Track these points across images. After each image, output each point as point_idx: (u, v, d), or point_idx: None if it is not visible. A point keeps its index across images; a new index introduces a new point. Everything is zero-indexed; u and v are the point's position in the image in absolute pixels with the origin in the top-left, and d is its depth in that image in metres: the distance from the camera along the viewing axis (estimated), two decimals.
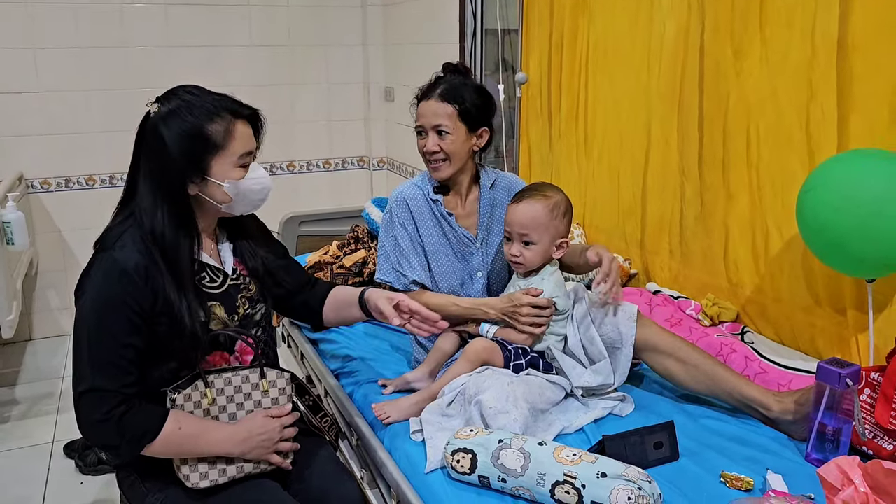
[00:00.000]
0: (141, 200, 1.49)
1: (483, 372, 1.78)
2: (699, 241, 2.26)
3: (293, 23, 4.05)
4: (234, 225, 1.68)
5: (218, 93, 1.55)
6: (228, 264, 1.64)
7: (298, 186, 4.25)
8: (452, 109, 1.93)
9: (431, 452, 1.60)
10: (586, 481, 1.37)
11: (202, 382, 1.50)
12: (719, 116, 2.11)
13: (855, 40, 1.72)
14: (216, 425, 1.51)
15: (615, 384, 1.83)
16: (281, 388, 1.60)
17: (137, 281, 1.43)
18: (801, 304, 1.97)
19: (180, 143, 1.46)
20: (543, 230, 1.85)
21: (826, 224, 1.63)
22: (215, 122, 1.49)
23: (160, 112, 1.48)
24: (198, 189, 1.52)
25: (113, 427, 1.40)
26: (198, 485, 1.49)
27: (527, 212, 1.85)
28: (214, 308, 1.56)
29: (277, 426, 1.55)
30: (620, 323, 1.84)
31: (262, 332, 1.67)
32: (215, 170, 1.50)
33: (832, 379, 1.55)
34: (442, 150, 1.94)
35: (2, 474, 2.63)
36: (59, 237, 3.78)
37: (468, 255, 2.03)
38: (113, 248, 1.45)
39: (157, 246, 1.46)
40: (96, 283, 1.44)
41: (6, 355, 3.65)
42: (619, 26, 2.46)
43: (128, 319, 1.42)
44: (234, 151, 1.52)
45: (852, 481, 1.22)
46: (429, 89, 1.97)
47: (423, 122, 1.96)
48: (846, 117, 1.77)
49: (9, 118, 3.55)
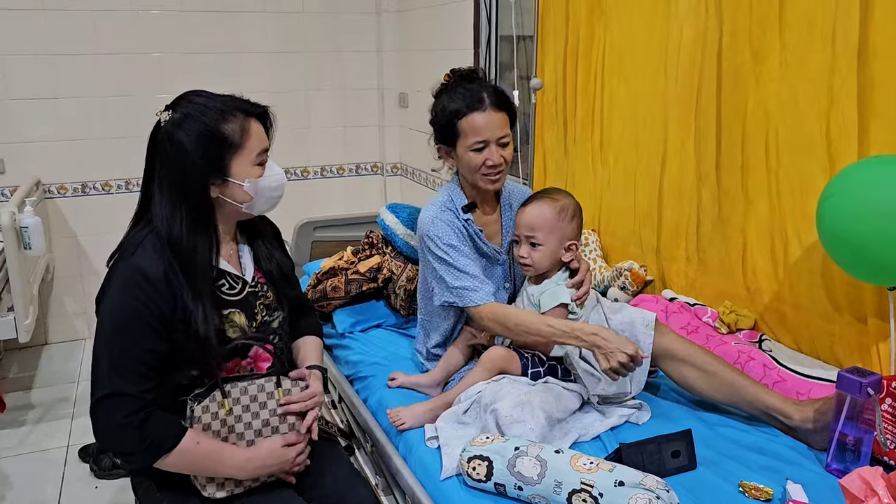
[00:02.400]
0: (158, 208, 1.49)
1: (500, 380, 1.77)
2: (716, 248, 2.24)
3: (308, 29, 4.06)
4: (250, 229, 1.68)
5: (225, 94, 1.55)
6: (248, 271, 1.64)
7: (313, 192, 4.25)
8: (507, 118, 1.89)
9: (447, 459, 1.59)
10: (604, 490, 1.36)
11: (220, 392, 1.50)
12: (738, 122, 2.09)
13: (876, 46, 1.70)
14: (232, 449, 1.50)
15: (632, 392, 1.82)
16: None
17: (158, 287, 1.43)
18: (820, 312, 1.94)
19: (199, 146, 1.46)
20: (549, 231, 1.84)
21: (847, 231, 1.61)
22: (230, 121, 1.49)
23: (172, 118, 1.48)
24: (218, 191, 1.52)
25: (132, 433, 1.40)
26: (214, 495, 1.48)
27: (534, 213, 1.86)
28: (234, 315, 1.56)
29: (292, 455, 1.56)
30: (638, 332, 1.82)
31: (279, 340, 1.66)
32: (235, 170, 1.51)
33: (853, 388, 1.52)
34: (505, 161, 1.89)
35: (17, 478, 2.64)
36: (75, 242, 3.80)
37: (495, 269, 2.02)
38: (133, 255, 1.46)
39: (175, 252, 1.46)
40: (117, 290, 1.44)
41: (22, 359, 3.67)
42: (635, 31, 2.45)
43: (148, 325, 1.43)
44: (252, 149, 1.52)
45: (876, 492, 1.21)
46: (476, 101, 1.85)
47: (487, 135, 1.85)
48: (867, 123, 1.75)
49: (26, 124, 3.58)
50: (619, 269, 2.47)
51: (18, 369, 3.57)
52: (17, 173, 3.58)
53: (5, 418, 2.98)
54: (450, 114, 1.88)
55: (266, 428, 1.54)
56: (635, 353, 1.63)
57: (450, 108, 1.88)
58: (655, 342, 1.81)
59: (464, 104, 1.86)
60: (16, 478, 2.64)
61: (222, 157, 1.49)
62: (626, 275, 2.44)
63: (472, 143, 1.86)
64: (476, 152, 1.87)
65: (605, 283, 2.55)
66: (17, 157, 3.59)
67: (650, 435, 1.60)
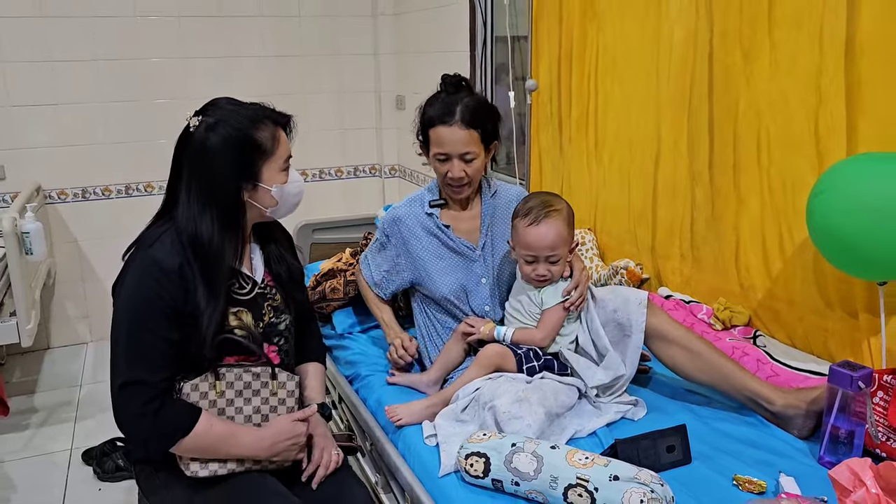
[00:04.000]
0: (184, 209, 1.53)
1: (498, 378, 1.80)
2: (710, 246, 2.27)
3: (305, 33, 4.08)
4: (264, 232, 1.73)
5: (252, 102, 1.60)
6: (259, 272, 1.68)
7: (311, 194, 4.20)
8: (477, 135, 1.92)
9: (445, 456, 1.61)
10: (599, 484, 1.38)
11: (212, 374, 1.54)
12: (729, 121, 2.12)
13: (862, 44, 1.73)
14: (244, 429, 1.54)
15: (626, 373, 1.84)
16: (290, 391, 1.63)
17: (172, 278, 1.48)
18: (812, 308, 1.97)
19: (234, 151, 1.52)
20: (564, 244, 1.87)
21: (837, 227, 1.63)
22: (261, 129, 1.55)
23: (206, 123, 1.52)
24: (248, 195, 1.57)
25: (148, 422, 1.45)
26: (197, 473, 1.52)
27: (550, 233, 1.84)
28: (242, 314, 1.59)
29: (304, 429, 1.59)
30: (631, 310, 1.85)
31: (284, 343, 1.69)
32: (265, 175, 1.57)
33: (844, 382, 1.55)
34: (467, 175, 1.94)
35: (21, 482, 2.66)
36: (76, 247, 3.83)
37: (470, 263, 2.05)
38: (150, 247, 1.51)
39: (199, 250, 1.51)
40: (134, 280, 1.49)
41: (25, 364, 3.69)
42: (627, 33, 2.47)
43: (163, 314, 1.47)
44: (280, 156, 1.58)
45: (864, 483, 1.23)
46: (446, 113, 1.91)
47: (449, 149, 1.92)
48: (855, 121, 1.77)
49: (27, 130, 3.60)
50: (616, 267, 2.50)
51: (21, 374, 3.59)
52: (17, 179, 3.60)
53: (9, 422, 3.00)
54: (425, 120, 1.97)
55: (256, 415, 1.58)
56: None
57: (426, 115, 1.97)
58: (648, 322, 1.84)
59: (435, 114, 1.93)
60: (20, 481, 2.66)
61: (255, 162, 1.55)
62: (622, 273, 2.46)
63: (436, 152, 1.95)
64: (440, 162, 1.96)
65: (601, 282, 2.57)
66: (17, 163, 3.61)
67: (645, 430, 1.62)
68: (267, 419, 1.59)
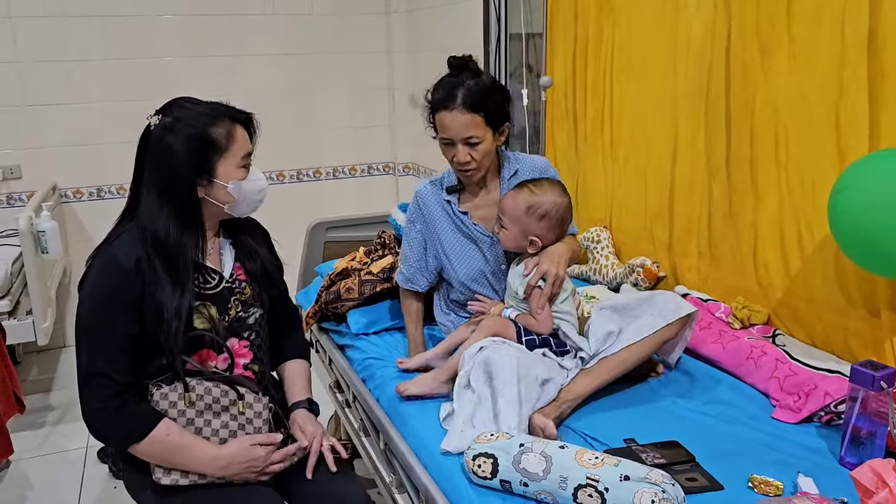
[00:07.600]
0: (145, 206, 1.57)
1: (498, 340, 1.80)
2: (728, 243, 2.24)
3: (317, 30, 4.08)
4: (235, 227, 1.75)
5: (213, 101, 1.63)
6: (228, 268, 1.70)
7: (325, 193, 4.27)
8: (480, 118, 1.88)
9: (452, 434, 1.64)
10: (609, 484, 1.36)
11: (182, 385, 1.55)
12: (747, 116, 2.09)
13: (885, 36, 1.69)
14: (202, 444, 1.56)
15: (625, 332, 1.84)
16: (257, 412, 1.63)
17: (129, 274, 1.51)
18: (833, 306, 1.93)
19: (188, 148, 1.54)
20: (513, 221, 1.87)
21: (859, 224, 1.60)
22: (217, 126, 1.57)
23: (163, 122, 1.56)
24: (204, 191, 1.59)
25: (109, 417, 1.51)
26: (160, 480, 1.54)
27: (508, 197, 1.89)
28: (205, 307, 1.61)
29: (263, 455, 1.59)
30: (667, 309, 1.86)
31: (255, 336, 1.71)
32: (220, 171, 1.58)
33: (866, 381, 1.52)
34: (474, 159, 1.92)
35: (37, 479, 2.68)
36: (92, 246, 3.76)
37: (487, 249, 2.04)
38: (111, 244, 1.56)
39: (159, 246, 1.54)
40: (94, 277, 1.55)
41: (41, 362, 3.72)
42: (644, 28, 2.45)
43: (124, 310, 1.51)
44: (236, 153, 1.60)
45: (887, 484, 1.20)
46: (447, 98, 1.89)
47: (451, 134, 1.90)
48: (878, 115, 1.74)
49: (43, 130, 3.63)
50: (632, 265, 2.47)
51: (38, 371, 3.61)
52: (33, 178, 3.63)
53: (25, 420, 3.02)
54: (430, 104, 1.95)
55: (224, 430, 1.59)
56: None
57: (432, 99, 1.94)
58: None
59: (438, 98, 1.92)
60: (36, 479, 2.68)
61: (209, 158, 1.57)
62: (638, 271, 2.43)
63: (441, 137, 1.95)
64: (446, 147, 1.95)
65: (617, 280, 2.55)
66: (33, 163, 3.64)
67: (661, 430, 1.60)
68: (235, 435, 1.60)
